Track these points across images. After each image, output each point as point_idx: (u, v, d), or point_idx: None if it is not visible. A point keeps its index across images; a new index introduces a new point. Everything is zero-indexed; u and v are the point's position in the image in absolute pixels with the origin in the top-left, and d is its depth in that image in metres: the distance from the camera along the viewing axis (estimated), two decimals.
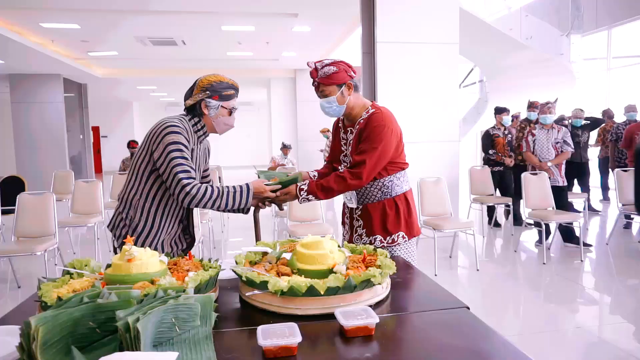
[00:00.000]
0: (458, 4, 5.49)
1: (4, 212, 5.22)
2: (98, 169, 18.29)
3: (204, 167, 2.11)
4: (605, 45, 9.96)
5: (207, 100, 1.90)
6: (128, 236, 1.38)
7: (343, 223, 2.30)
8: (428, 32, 5.37)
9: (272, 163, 7.68)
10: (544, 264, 4.43)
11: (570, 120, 6.66)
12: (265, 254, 1.65)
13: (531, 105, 5.94)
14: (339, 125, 2.24)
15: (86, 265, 1.54)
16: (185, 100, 1.94)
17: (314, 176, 2.26)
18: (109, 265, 1.45)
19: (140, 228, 1.90)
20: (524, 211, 4.81)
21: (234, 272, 1.43)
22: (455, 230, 4.30)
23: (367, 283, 1.34)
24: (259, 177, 2.10)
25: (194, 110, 1.93)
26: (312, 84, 2.10)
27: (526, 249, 5.17)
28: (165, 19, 7.54)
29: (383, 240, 2.09)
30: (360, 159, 1.99)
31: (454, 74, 5.54)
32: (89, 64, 11.28)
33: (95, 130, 18.46)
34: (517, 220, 6.06)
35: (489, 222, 6.27)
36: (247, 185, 1.90)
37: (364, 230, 2.13)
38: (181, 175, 1.77)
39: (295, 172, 2.13)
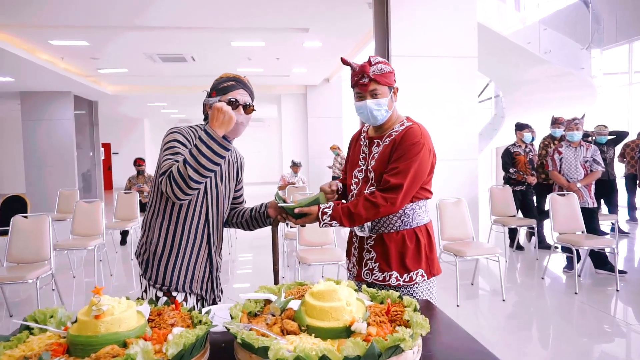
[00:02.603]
0: (476, 16, 5.25)
1: (2, 234, 5.02)
2: (109, 186, 18.25)
3: (233, 182, 1.88)
4: (627, 59, 9.63)
5: (206, 100, 1.74)
6: (96, 286, 1.12)
7: (349, 254, 1.97)
8: (445, 45, 5.13)
9: (281, 181, 7.43)
10: (575, 293, 4.07)
11: (594, 137, 6.33)
12: (268, 301, 1.37)
13: (555, 122, 5.63)
14: (360, 137, 1.96)
15: (52, 317, 1.28)
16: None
17: (339, 188, 1.95)
18: None
19: (159, 250, 1.69)
20: (552, 235, 4.47)
21: (227, 329, 1.16)
22: (479, 257, 3.97)
23: (395, 349, 1.05)
24: (276, 200, 1.83)
25: (205, 115, 1.78)
26: (359, 80, 1.77)
27: (554, 275, 4.81)
28: (174, 35, 7.42)
29: (399, 278, 1.79)
30: (397, 182, 1.70)
31: (472, 88, 5.28)
32: (99, 81, 11.25)
33: (107, 147, 18.49)
34: (541, 243, 5.71)
35: (511, 245, 5.91)
36: (204, 129, 1.55)
37: (377, 264, 1.82)
38: (164, 169, 1.58)
39: (316, 193, 1.84)
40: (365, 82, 1.77)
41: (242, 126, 1.71)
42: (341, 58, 1.84)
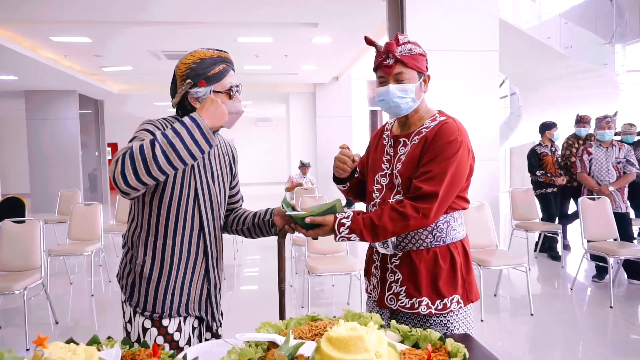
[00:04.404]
0: (497, 7, 4.93)
1: None
2: None
3: (228, 178, 1.57)
4: None
5: (192, 92, 1.40)
6: (39, 334, 0.83)
7: (368, 274, 1.67)
8: (464, 38, 4.81)
9: (289, 183, 7.14)
10: (610, 307, 3.72)
11: (620, 137, 5.96)
12: (272, 344, 1.08)
13: (581, 120, 5.29)
14: (383, 135, 1.66)
15: None
16: (172, 98, 1.47)
17: (357, 170, 1.69)
18: None
19: (147, 271, 1.40)
20: (583, 242, 4.12)
21: None
22: (505, 267, 3.65)
23: None
24: (283, 207, 1.52)
25: (184, 108, 1.44)
26: (383, 61, 1.50)
27: (582, 285, 4.46)
28: (178, 31, 7.18)
29: (431, 305, 1.49)
30: (431, 189, 1.41)
31: (493, 84, 4.95)
32: (104, 79, 11.06)
33: (114, 147, 18.33)
34: (565, 248, 5.38)
35: (535, 249, 5.58)
36: (190, 115, 1.26)
37: (403, 287, 1.51)
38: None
39: (332, 200, 1.53)
40: (390, 63, 1.48)
41: (236, 116, 1.43)
42: (365, 37, 1.55)
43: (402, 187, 1.51)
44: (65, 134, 11.28)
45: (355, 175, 1.71)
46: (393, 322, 1.16)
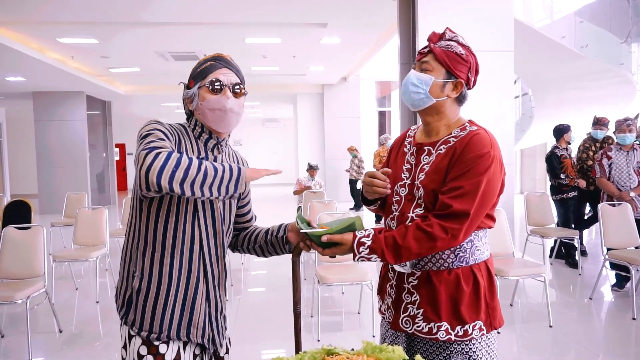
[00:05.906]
0: (512, 7, 4.79)
1: None
2: (123, 186, 18.14)
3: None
4: None
5: (184, 94, 1.40)
6: None
7: (382, 292, 1.54)
8: (478, 38, 4.66)
9: (297, 186, 7.04)
10: (633, 319, 3.57)
11: (637, 140, 5.78)
12: None
13: (598, 122, 5.12)
14: (405, 142, 1.53)
15: None
16: None
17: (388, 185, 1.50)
18: None
19: (145, 286, 1.30)
20: (603, 250, 3.97)
21: None
22: (523, 277, 3.52)
23: None
24: (297, 223, 1.41)
25: (189, 112, 1.45)
26: (421, 49, 1.45)
27: (601, 294, 4.30)
28: (184, 31, 7.10)
29: (450, 331, 1.36)
30: (462, 208, 1.28)
31: (508, 85, 4.81)
32: (111, 80, 11.04)
33: (122, 147, 18.36)
34: (582, 253, 5.23)
35: (550, 255, 5.42)
36: (239, 168, 1.23)
37: (421, 310, 1.39)
38: (143, 151, 1.17)
39: (351, 217, 1.40)
40: (425, 50, 1.41)
41: (232, 114, 1.36)
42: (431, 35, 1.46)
43: (424, 199, 1.38)
44: (73, 135, 11.29)
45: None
46: (418, 357, 1.05)
